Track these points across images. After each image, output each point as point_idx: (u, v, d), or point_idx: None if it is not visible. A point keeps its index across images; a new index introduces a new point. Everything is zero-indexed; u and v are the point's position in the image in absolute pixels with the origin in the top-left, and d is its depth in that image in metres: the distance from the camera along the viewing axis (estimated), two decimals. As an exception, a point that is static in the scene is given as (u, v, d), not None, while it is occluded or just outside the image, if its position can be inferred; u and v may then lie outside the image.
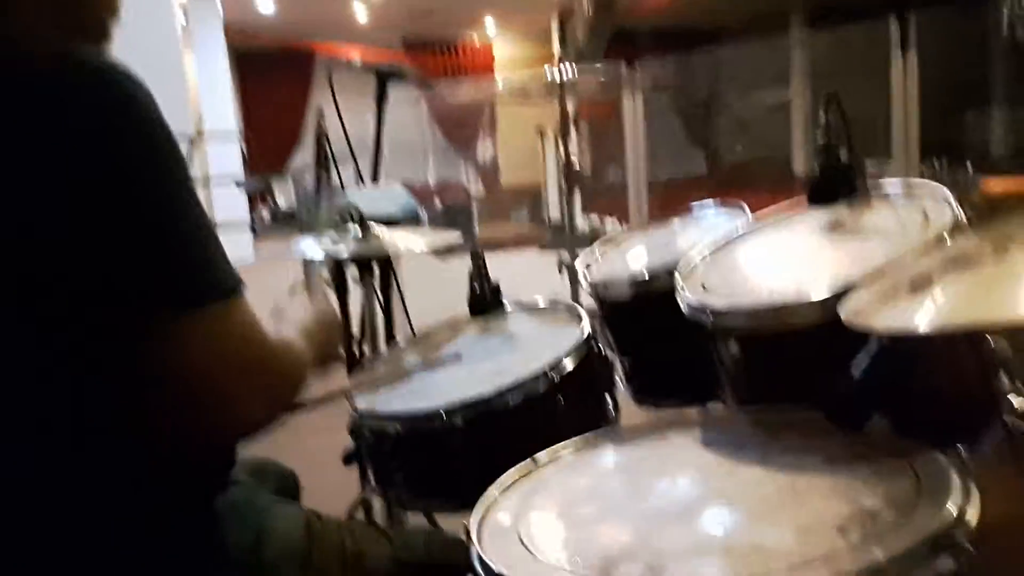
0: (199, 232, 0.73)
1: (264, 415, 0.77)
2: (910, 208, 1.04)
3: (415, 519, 1.48)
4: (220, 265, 0.73)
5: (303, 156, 11.47)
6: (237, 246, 8.80)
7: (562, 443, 0.93)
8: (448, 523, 1.26)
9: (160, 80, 0.76)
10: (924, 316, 0.63)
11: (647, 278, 1.30)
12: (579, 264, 1.54)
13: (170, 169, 0.72)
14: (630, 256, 1.49)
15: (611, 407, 1.27)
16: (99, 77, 0.69)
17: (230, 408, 0.73)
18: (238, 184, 5.30)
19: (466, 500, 1.06)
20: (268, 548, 0.89)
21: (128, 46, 0.81)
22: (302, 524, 0.95)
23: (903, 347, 0.79)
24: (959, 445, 0.79)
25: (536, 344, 1.31)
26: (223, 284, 0.73)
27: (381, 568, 0.97)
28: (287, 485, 1.19)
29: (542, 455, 0.91)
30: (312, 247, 1.66)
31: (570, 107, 2.48)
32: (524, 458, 0.91)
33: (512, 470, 0.89)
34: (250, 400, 0.74)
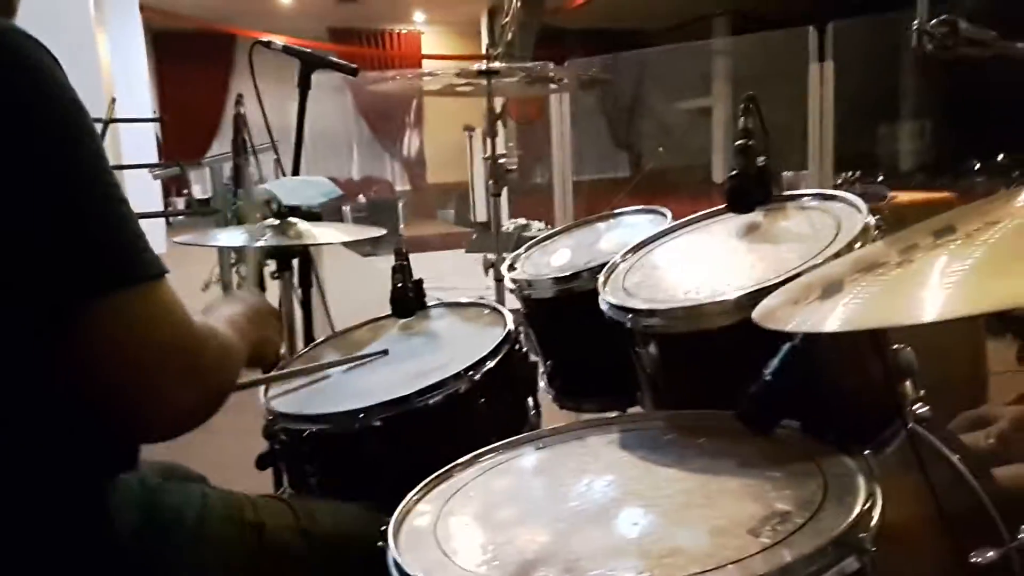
0: (116, 208, 0.69)
1: (191, 399, 0.73)
2: (823, 215, 1.08)
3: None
4: (141, 246, 0.70)
5: (222, 144, 11.14)
6: (150, 235, 8.43)
7: (482, 448, 0.92)
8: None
9: (71, 60, 0.72)
10: (832, 317, 0.65)
11: (570, 279, 1.30)
12: (504, 264, 1.54)
13: (81, 140, 0.67)
14: (554, 257, 1.50)
15: (533, 408, 1.27)
16: None
17: (156, 391, 0.70)
18: (152, 171, 5.08)
19: (385, 504, 1.04)
20: (158, 523, 0.84)
21: (35, 22, 0.76)
22: (197, 497, 0.90)
23: (813, 351, 0.81)
24: (865, 447, 0.81)
25: (458, 344, 1.30)
26: (145, 266, 0.70)
27: (285, 540, 0.93)
28: None
29: (462, 458, 0.90)
30: (227, 239, 1.60)
31: (497, 104, 2.47)
32: (444, 460, 0.90)
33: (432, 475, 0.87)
34: (176, 383, 0.71)
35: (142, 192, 8.17)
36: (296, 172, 1.95)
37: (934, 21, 0.98)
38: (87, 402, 0.68)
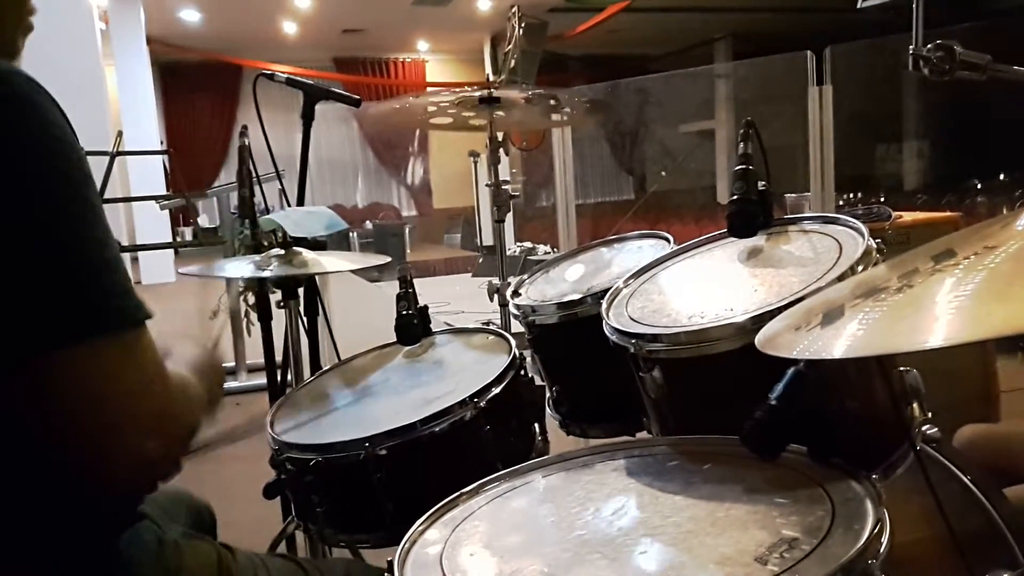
0: (98, 254, 0.67)
1: (157, 448, 0.70)
2: (825, 238, 1.08)
3: (341, 555, 1.44)
4: (119, 292, 0.68)
5: (229, 173, 11.23)
6: (158, 265, 8.52)
7: (490, 476, 0.92)
8: (374, 557, 1.23)
9: (79, 93, 0.73)
10: (835, 343, 0.65)
11: (573, 304, 1.31)
12: (508, 289, 1.54)
13: (69, 181, 0.67)
14: (558, 282, 1.50)
15: (540, 435, 1.27)
16: None
17: (124, 440, 0.68)
18: (159, 202, 5.12)
19: (391, 533, 1.04)
20: None
21: (44, 56, 0.77)
22: (213, 558, 0.91)
23: (818, 375, 0.81)
24: (873, 471, 0.81)
25: (464, 370, 1.30)
26: (123, 313, 0.68)
27: None
28: (201, 519, 1.14)
29: (469, 487, 0.90)
30: (234, 268, 1.62)
31: (500, 131, 2.49)
32: (450, 488, 0.90)
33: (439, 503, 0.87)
34: (144, 432, 0.69)
35: (150, 223, 8.24)
36: (301, 202, 1.97)
37: (930, 46, 0.99)
38: (50, 450, 0.67)
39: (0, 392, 0.65)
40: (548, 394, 1.39)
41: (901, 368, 0.94)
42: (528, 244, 8.39)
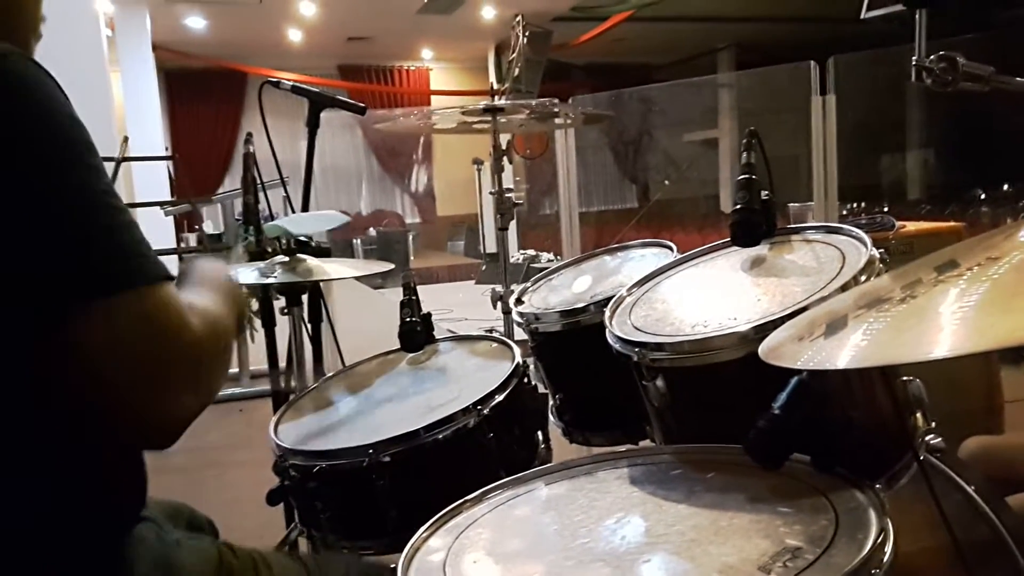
0: (114, 215, 0.69)
1: (193, 401, 0.72)
2: (828, 248, 1.08)
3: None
4: (141, 251, 0.70)
5: (233, 179, 11.26)
6: (162, 271, 8.51)
7: (493, 483, 0.92)
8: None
9: (85, 99, 0.74)
10: (838, 353, 0.65)
11: (577, 312, 1.31)
12: (511, 297, 1.54)
13: (78, 153, 0.69)
14: (561, 290, 1.50)
15: (543, 443, 1.27)
16: None
17: (160, 394, 0.69)
18: (164, 208, 5.14)
19: (394, 540, 1.04)
20: None
21: (51, 62, 0.78)
22: (214, 557, 0.91)
23: (821, 384, 0.81)
24: (877, 481, 0.81)
25: (467, 378, 1.31)
26: (145, 270, 0.69)
27: None
28: (201, 530, 1.14)
29: (472, 494, 0.90)
30: (238, 274, 1.62)
31: (504, 139, 2.50)
32: (454, 495, 0.90)
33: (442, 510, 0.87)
34: (180, 386, 0.70)
35: (154, 229, 8.23)
36: (306, 208, 1.98)
37: (933, 57, 0.99)
38: (90, 413, 0.68)
39: (29, 355, 0.66)
40: (551, 402, 1.39)
41: (905, 378, 0.94)
42: (531, 252, 8.40)
